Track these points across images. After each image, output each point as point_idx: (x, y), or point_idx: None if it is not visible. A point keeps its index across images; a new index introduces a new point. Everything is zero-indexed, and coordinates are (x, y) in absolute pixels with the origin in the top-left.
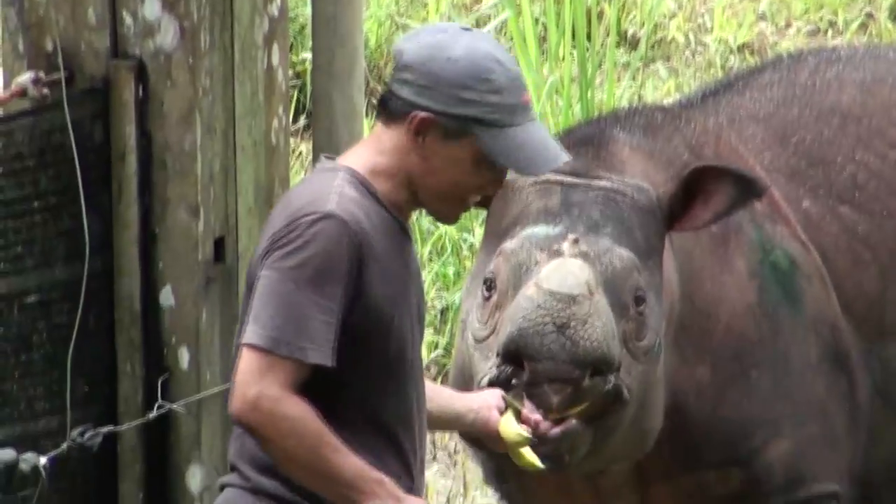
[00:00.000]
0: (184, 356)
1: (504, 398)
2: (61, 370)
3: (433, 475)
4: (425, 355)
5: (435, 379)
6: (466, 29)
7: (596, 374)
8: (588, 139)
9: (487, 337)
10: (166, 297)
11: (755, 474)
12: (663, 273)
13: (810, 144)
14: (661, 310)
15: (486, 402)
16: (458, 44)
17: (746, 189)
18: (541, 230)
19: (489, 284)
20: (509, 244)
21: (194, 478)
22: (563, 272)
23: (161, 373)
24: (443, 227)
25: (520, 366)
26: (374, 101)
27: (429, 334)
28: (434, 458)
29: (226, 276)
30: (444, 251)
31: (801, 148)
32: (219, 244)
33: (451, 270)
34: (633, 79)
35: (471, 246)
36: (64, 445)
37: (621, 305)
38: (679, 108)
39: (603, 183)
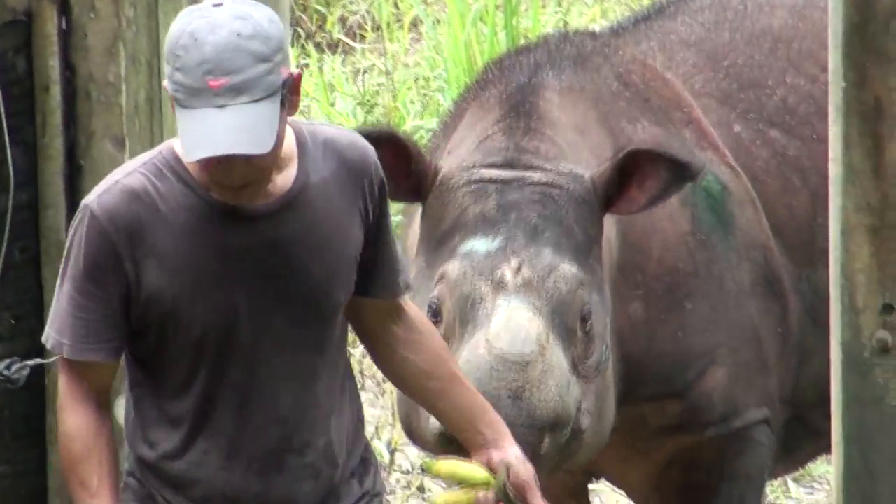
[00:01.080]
0: None
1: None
2: None
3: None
4: None
5: None
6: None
7: (553, 430)
8: (517, 103)
9: None
10: None
11: (692, 405)
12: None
13: (741, 68)
14: (604, 303)
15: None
16: (182, 16)
17: (681, 172)
18: (480, 246)
19: (435, 310)
20: (451, 268)
21: (120, 409)
22: (513, 330)
23: None
24: None
25: None
26: (300, 32)
27: None
28: (363, 386)
29: None
30: None
31: (732, 71)
32: None
33: None
34: (560, 5)
35: None
36: None
37: (568, 331)
38: (609, 35)
39: (538, 176)
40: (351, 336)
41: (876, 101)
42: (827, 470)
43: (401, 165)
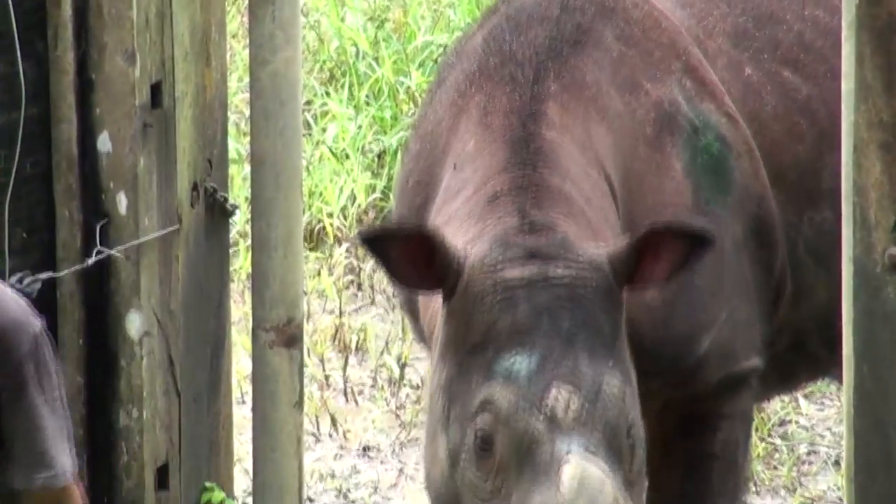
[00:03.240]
0: (121, 202)
1: None
2: None
3: (371, 319)
4: (362, 199)
5: (369, 217)
6: None
7: None
8: (521, 141)
9: (491, 499)
10: (103, 142)
11: (696, 368)
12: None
13: (759, 1)
14: (634, 389)
15: None
16: None
17: (700, 242)
18: (520, 365)
19: (484, 441)
20: (499, 397)
21: (133, 323)
22: (588, 490)
23: (99, 219)
24: (379, 71)
25: None
26: None
27: (367, 178)
28: (373, 302)
29: (162, 122)
30: (380, 94)
31: (749, 5)
32: (155, 89)
33: (387, 114)
34: None
35: (407, 89)
36: None
37: (620, 454)
38: None
39: (561, 272)
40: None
41: (889, 16)
42: (837, 386)
43: (425, 259)
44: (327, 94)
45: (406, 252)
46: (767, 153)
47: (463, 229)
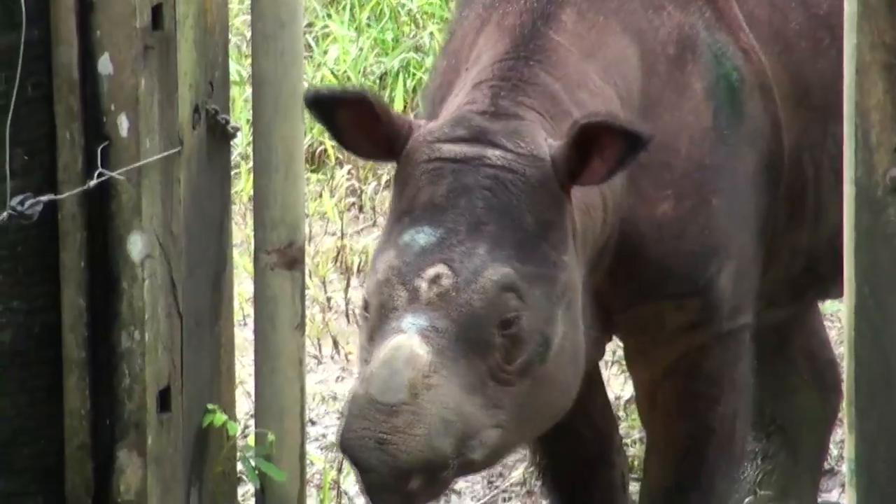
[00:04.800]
0: (123, 124)
1: None
2: None
3: (373, 241)
4: None
5: None
6: None
7: (424, 472)
8: (525, 37)
9: (368, 362)
10: (104, 64)
11: (710, 301)
12: (572, 224)
13: None
14: (555, 293)
15: None
16: None
17: (634, 142)
18: (419, 239)
19: (364, 306)
20: (383, 264)
21: (135, 245)
22: (388, 372)
23: (100, 141)
24: None
25: None
26: None
27: None
28: (374, 223)
29: (164, 44)
30: (381, 16)
31: None
32: (157, 11)
33: (389, 36)
34: None
35: (409, 11)
36: (4, 214)
37: (481, 345)
38: None
39: (497, 155)
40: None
41: None
42: (838, 308)
43: (372, 125)
44: (328, 15)
45: (354, 119)
46: (794, 72)
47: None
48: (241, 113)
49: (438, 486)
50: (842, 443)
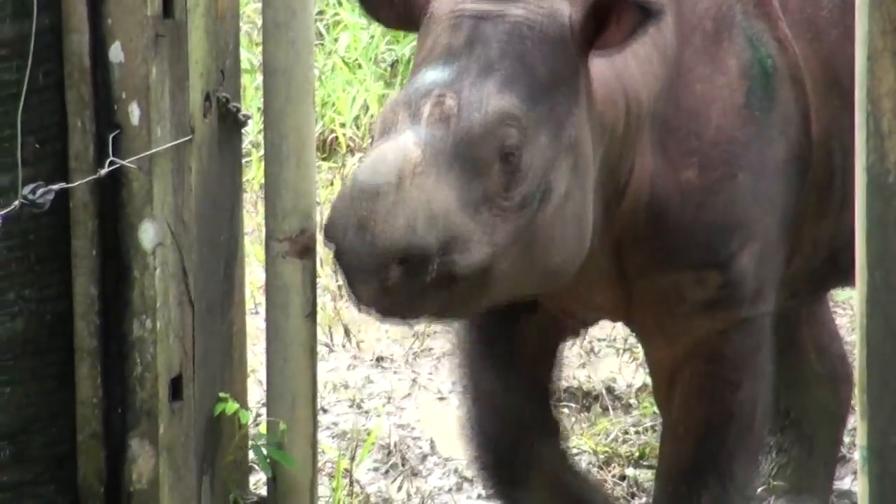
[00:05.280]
0: (134, 112)
1: None
2: (11, 128)
3: None
4: (375, 109)
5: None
6: None
7: (408, 263)
8: None
9: None
10: (115, 53)
11: (732, 279)
12: (589, 91)
13: None
14: (564, 143)
15: None
16: None
17: (647, 14)
18: (432, 75)
19: (371, 133)
20: (394, 96)
21: (146, 234)
22: (377, 159)
23: (112, 129)
24: None
25: None
26: None
27: (379, 88)
28: None
29: (174, 32)
30: None
31: None
32: (167, 0)
33: None
34: None
35: None
36: (16, 203)
37: (479, 167)
38: None
39: (517, 11)
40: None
41: None
42: (850, 295)
43: None
44: (339, 3)
45: None
46: (825, 59)
47: None
48: (252, 101)
49: (417, 292)
50: (854, 430)
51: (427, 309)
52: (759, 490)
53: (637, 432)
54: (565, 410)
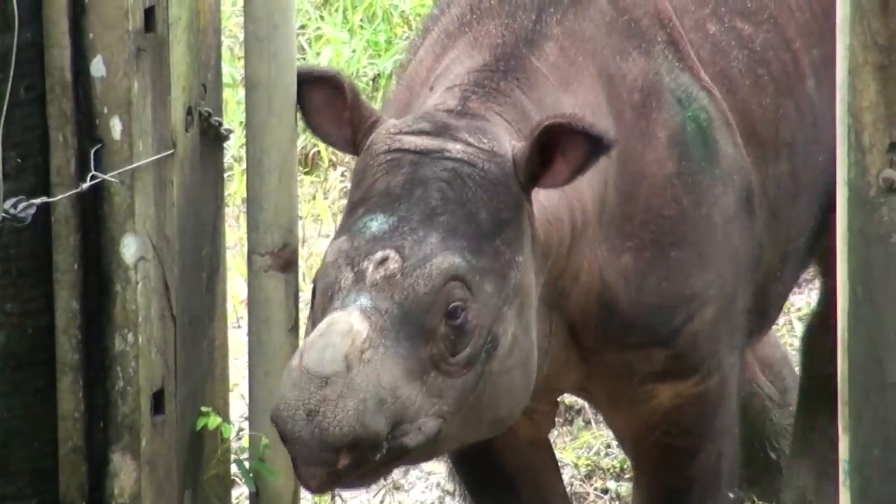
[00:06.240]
0: (116, 126)
1: None
2: None
3: None
4: None
5: None
6: None
7: (357, 449)
8: (507, 56)
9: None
10: (97, 67)
11: (678, 352)
12: (531, 228)
13: None
14: (509, 289)
15: None
16: None
17: (597, 144)
18: (372, 225)
19: (314, 287)
20: (332, 248)
21: (128, 248)
22: (324, 342)
23: (93, 143)
24: None
25: None
26: None
27: None
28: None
29: (156, 46)
30: (374, 18)
31: None
32: (149, 14)
33: (381, 38)
34: None
35: (402, 13)
36: None
37: (424, 332)
38: None
39: (457, 149)
40: None
41: None
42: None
43: (340, 110)
44: (321, 17)
45: (324, 100)
46: (741, 111)
47: None
48: (234, 115)
49: (369, 471)
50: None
51: (379, 478)
52: None
53: (619, 446)
54: None
